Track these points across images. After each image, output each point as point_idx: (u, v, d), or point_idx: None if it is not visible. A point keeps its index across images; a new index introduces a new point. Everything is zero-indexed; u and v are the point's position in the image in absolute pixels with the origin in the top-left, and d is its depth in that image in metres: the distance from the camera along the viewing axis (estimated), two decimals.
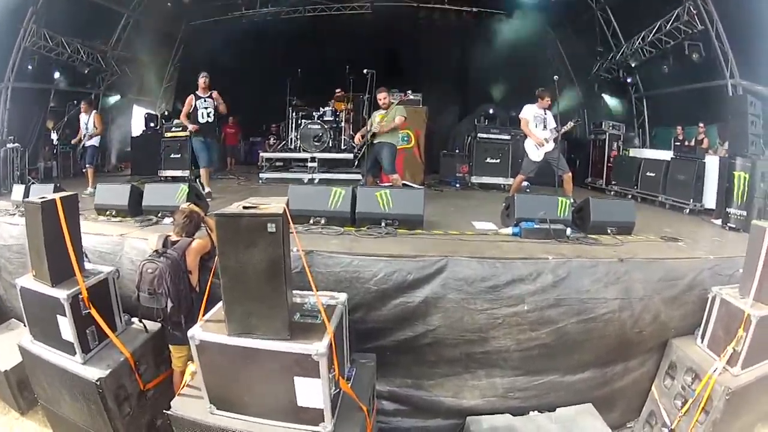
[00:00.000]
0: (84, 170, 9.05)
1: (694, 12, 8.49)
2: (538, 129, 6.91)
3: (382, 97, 7.10)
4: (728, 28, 8.24)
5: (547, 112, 6.93)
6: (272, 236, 2.75)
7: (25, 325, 4.56)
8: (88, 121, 8.71)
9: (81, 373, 3.86)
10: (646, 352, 4.50)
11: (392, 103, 7.28)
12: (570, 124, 7.07)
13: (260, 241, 2.77)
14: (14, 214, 6.10)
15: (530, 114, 6.94)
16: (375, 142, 7.08)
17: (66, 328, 3.88)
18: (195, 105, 7.72)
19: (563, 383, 4.31)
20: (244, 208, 2.85)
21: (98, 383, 3.77)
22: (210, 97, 7.76)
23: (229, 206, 2.96)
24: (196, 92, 7.76)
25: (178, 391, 3.56)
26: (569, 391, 4.34)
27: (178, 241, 3.88)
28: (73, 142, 9.30)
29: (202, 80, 7.74)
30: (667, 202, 8.20)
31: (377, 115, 7.16)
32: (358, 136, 7.59)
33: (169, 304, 3.62)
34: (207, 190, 7.47)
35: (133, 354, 4.02)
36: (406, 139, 9.48)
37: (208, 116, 7.79)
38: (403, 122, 7.10)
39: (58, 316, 3.90)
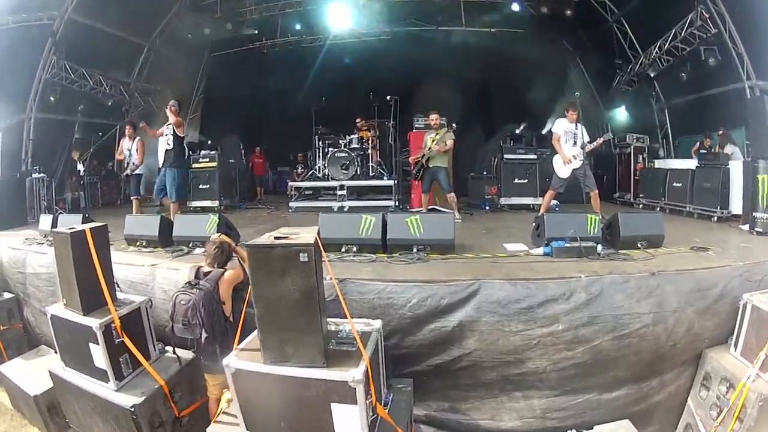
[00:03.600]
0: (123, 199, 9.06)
1: (707, 16, 8.39)
2: (569, 144, 6.93)
3: (434, 118, 7.91)
4: (741, 29, 8.13)
5: (578, 125, 6.94)
6: (305, 265, 2.76)
7: (55, 352, 4.62)
8: (131, 147, 8.49)
9: (115, 400, 3.90)
10: (680, 364, 4.40)
11: (442, 124, 8.02)
12: (600, 140, 7.09)
13: (293, 271, 2.78)
14: (42, 243, 6.20)
15: (561, 129, 6.98)
16: (430, 165, 7.85)
17: (99, 356, 3.92)
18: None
19: (600, 401, 4.23)
20: (276, 238, 2.87)
21: (132, 410, 3.80)
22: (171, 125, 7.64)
23: (260, 237, 2.97)
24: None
25: (213, 419, 3.59)
26: (607, 409, 4.25)
27: (210, 272, 3.92)
28: (125, 173, 8.98)
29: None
30: (695, 212, 8.06)
31: (429, 139, 7.88)
32: (412, 159, 8.19)
33: (203, 335, 3.64)
34: None
35: (168, 382, 4.04)
36: None
37: (167, 144, 7.72)
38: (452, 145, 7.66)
39: (90, 344, 3.94)
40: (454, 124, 7.80)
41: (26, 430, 5.10)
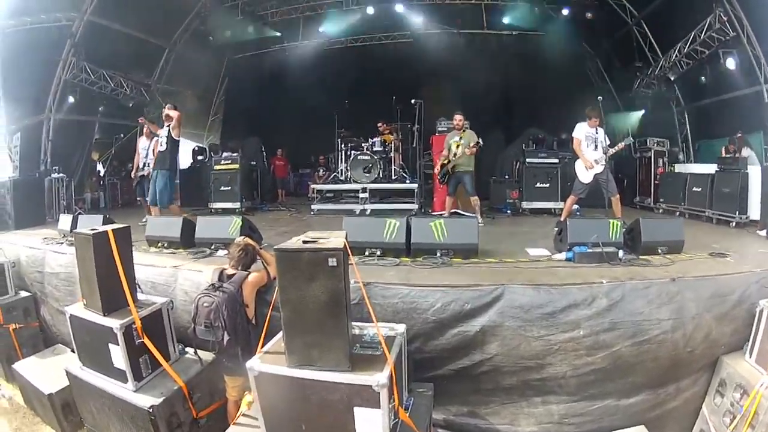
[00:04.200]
0: (139, 201, 9.02)
1: (725, 18, 8.35)
2: (590, 149, 6.93)
3: (458, 119, 7.92)
4: (759, 31, 8.09)
5: (599, 130, 6.93)
6: (333, 270, 2.77)
7: (73, 351, 4.64)
8: (148, 147, 8.38)
9: (133, 400, 3.91)
10: (697, 371, 4.38)
11: (465, 126, 8.03)
12: (622, 144, 7.07)
13: (321, 275, 2.79)
14: (61, 243, 6.25)
15: (582, 133, 6.98)
16: (457, 170, 7.89)
17: (118, 356, 3.93)
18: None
19: (618, 407, 4.21)
20: (304, 242, 2.87)
21: (151, 410, 3.81)
22: (168, 125, 7.51)
23: (288, 241, 2.98)
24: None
25: (232, 421, 3.61)
26: (624, 415, 4.23)
27: (234, 274, 3.93)
28: (132, 176, 9.05)
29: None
30: (714, 217, 8.00)
31: (453, 143, 7.91)
32: (438, 165, 8.23)
33: (226, 337, 3.65)
34: None
35: (187, 383, 4.05)
36: None
37: (161, 145, 7.54)
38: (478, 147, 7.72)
39: (110, 344, 3.95)
40: (480, 141, 7.74)
41: (38, 428, 5.14)
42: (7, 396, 5.68)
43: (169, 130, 7.42)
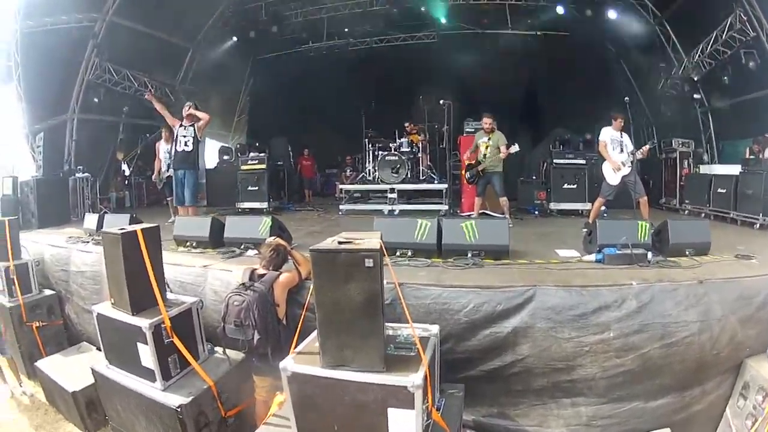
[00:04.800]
0: (166, 202, 9.06)
1: (745, 18, 8.31)
2: (615, 152, 6.96)
3: (488, 122, 7.93)
4: None
5: (624, 134, 6.97)
6: (369, 271, 2.77)
7: (98, 349, 4.68)
8: (170, 150, 8.31)
9: (161, 399, 3.91)
10: (722, 373, 4.36)
11: (494, 128, 8.01)
12: (645, 148, 7.07)
13: (357, 276, 2.79)
14: (87, 242, 6.31)
15: (608, 137, 7.01)
16: (486, 171, 7.94)
17: (146, 355, 3.94)
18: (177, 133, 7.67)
19: (645, 409, 4.20)
20: (339, 243, 2.87)
21: (179, 410, 3.81)
22: (192, 125, 7.60)
23: (323, 241, 2.99)
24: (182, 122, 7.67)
25: (262, 421, 3.62)
26: (650, 417, 4.22)
27: (265, 274, 3.95)
28: (153, 178, 9.22)
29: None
30: (738, 218, 7.92)
31: (482, 144, 7.95)
32: (465, 162, 8.34)
33: (256, 336, 3.67)
34: None
35: (216, 382, 4.06)
36: None
37: (185, 145, 7.63)
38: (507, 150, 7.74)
39: (138, 344, 3.96)
40: (516, 145, 7.75)
41: (60, 425, 5.19)
42: (29, 393, 5.75)
43: (194, 130, 7.52)
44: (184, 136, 7.60)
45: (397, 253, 5.21)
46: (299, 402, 3.05)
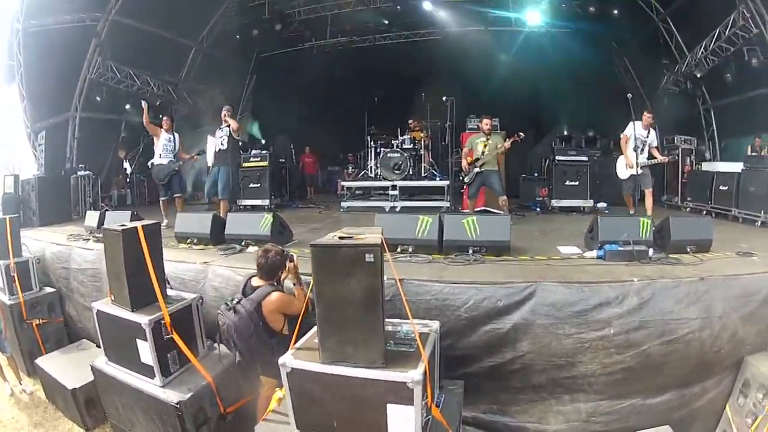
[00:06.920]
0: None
1: (748, 15, 8.27)
2: (636, 151, 7.00)
3: (487, 123, 7.92)
4: None
5: (651, 131, 7.05)
6: (370, 266, 2.75)
7: (98, 346, 4.67)
8: (170, 138, 8.11)
9: (160, 395, 3.92)
10: (722, 371, 4.36)
11: (493, 129, 8.10)
12: (665, 159, 7.30)
13: (358, 271, 2.76)
14: (88, 240, 6.31)
15: (631, 132, 7.05)
16: (483, 170, 7.82)
17: (146, 352, 3.95)
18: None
19: (645, 406, 4.21)
20: (340, 238, 2.86)
21: (178, 406, 3.82)
22: (228, 126, 7.95)
23: (323, 237, 2.98)
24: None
25: (261, 417, 3.59)
26: (650, 414, 4.23)
27: (259, 287, 3.84)
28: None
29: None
30: (740, 216, 7.89)
31: (479, 143, 7.85)
32: (464, 162, 8.15)
33: (238, 357, 3.70)
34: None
35: (215, 378, 4.06)
36: None
37: (221, 144, 8.02)
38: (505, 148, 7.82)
39: (137, 340, 3.96)
40: (521, 133, 7.75)
41: (59, 423, 5.19)
42: (28, 391, 5.75)
43: (230, 130, 7.92)
44: (221, 137, 7.98)
45: (398, 249, 5.22)
46: (298, 398, 3.04)
